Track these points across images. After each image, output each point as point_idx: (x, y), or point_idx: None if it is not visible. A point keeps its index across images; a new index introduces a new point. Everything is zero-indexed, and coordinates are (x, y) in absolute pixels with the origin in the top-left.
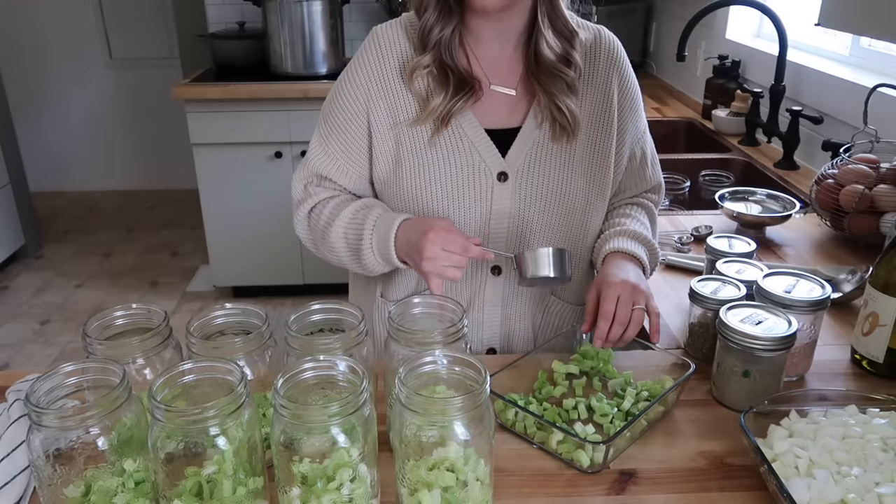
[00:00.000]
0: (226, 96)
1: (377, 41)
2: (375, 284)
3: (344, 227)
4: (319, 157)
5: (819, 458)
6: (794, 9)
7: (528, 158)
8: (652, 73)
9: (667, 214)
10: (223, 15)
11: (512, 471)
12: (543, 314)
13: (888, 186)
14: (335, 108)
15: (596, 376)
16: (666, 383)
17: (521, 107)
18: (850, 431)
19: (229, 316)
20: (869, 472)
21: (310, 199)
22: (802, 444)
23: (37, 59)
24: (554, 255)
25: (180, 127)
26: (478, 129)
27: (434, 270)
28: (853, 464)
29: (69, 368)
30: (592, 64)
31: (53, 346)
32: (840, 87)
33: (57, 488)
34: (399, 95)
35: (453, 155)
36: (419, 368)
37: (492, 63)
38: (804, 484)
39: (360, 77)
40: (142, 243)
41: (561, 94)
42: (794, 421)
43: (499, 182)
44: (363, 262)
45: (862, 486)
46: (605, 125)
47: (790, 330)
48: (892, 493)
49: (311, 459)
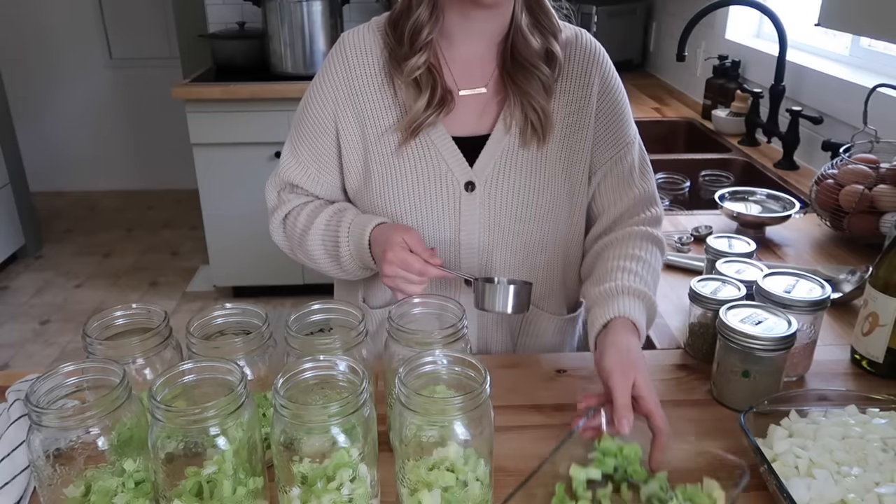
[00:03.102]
0: (226, 96)
1: (344, 49)
2: (357, 290)
3: (321, 234)
4: (291, 165)
5: (819, 458)
6: (794, 9)
7: (497, 167)
8: (652, 73)
9: (667, 214)
10: (223, 15)
11: (512, 471)
12: (521, 323)
13: (888, 186)
14: (304, 116)
15: (623, 481)
16: (713, 491)
17: (491, 111)
18: (850, 431)
19: (229, 316)
20: (869, 471)
21: (284, 205)
22: (802, 444)
23: (37, 59)
24: (514, 292)
25: (180, 127)
26: (445, 138)
27: (393, 286)
28: (853, 464)
29: (69, 368)
30: (568, 64)
31: (53, 346)
32: (840, 87)
33: (57, 488)
34: (367, 103)
35: (421, 164)
36: (419, 368)
37: (462, 66)
38: (804, 484)
39: (327, 85)
40: (142, 243)
41: (536, 94)
42: (794, 421)
43: (466, 192)
44: (344, 267)
45: (862, 486)
46: (579, 129)
47: (790, 330)
48: (892, 493)
49: (311, 459)
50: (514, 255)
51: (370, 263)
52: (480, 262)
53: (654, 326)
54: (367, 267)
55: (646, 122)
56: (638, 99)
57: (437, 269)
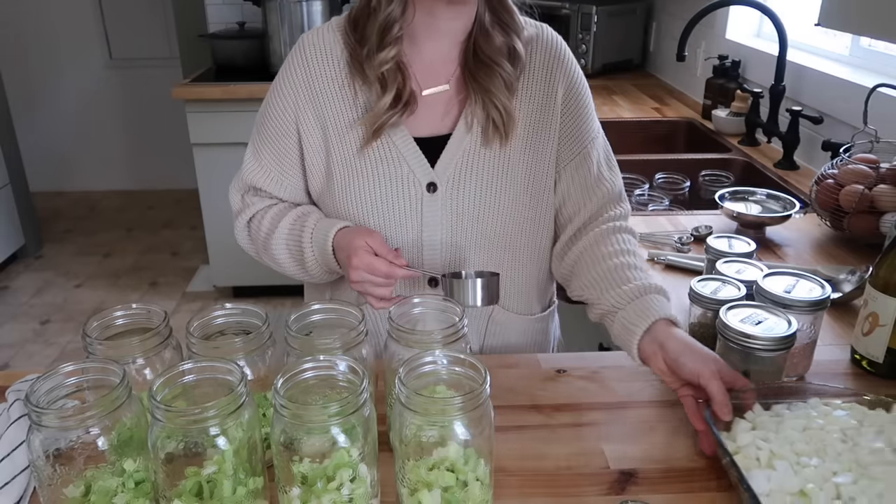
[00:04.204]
0: (226, 96)
1: (304, 49)
2: (325, 293)
3: (285, 238)
4: (253, 168)
5: (780, 450)
6: (794, 9)
7: (459, 167)
8: (652, 73)
9: (667, 214)
10: (223, 15)
11: (512, 471)
12: (488, 324)
13: (888, 186)
14: (266, 119)
15: None
16: None
17: (453, 111)
18: (811, 423)
19: (229, 316)
20: (828, 462)
21: (248, 208)
22: (765, 437)
23: (37, 59)
24: (482, 285)
25: (180, 127)
26: (407, 139)
27: (363, 290)
28: (812, 455)
29: (69, 368)
30: (531, 62)
31: (53, 346)
32: (840, 87)
33: (57, 488)
34: (328, 104)
35: (382, 166)
36: (419, 368)
37: (424, 66)
38: (764, 476)
39: (287, 87)
40: (142, 243)
41: (498, 91)
42: (758, 414)
43: (428, 193)
44: (310, 271)
45: (820, 476)
46: (544, 128)
47: (790, 330)
48: (849, 483)
49: (311, 459)
50: (478, 255)
51: (335, 268)
52: (444, 262)
53: None
54: (332, 271)
55: (646, 122)
56: (638, 99)
57: (403, 269)
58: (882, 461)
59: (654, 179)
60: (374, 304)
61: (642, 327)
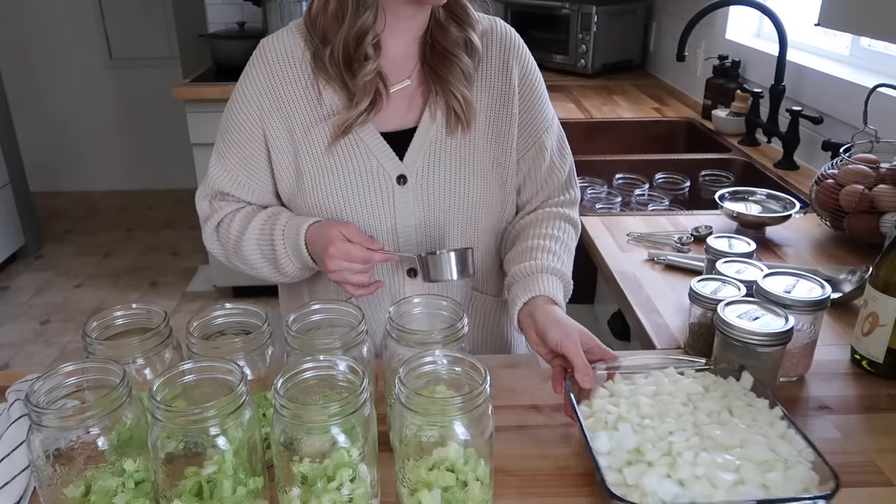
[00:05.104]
0: (226, 96)
1: (265, 54)
2: (302, 290)
3: (256, 239)
4: (219, 174)
5: (627, 414)
6: (794, 9)
7: (427, 158)
8: (652, 73)
9: (667, 214)
10: (223, 15)
11: (512, 471)
12: (468, 310)
13: (888, 186)
14: (230, 125)
15: None
16: None
17: (417, 104)
18: (662, 390)
19: (229, 316)
20: (667, 423)
21: (216, 213)
22: (616, 402)
23: (37, 59)
24: (456, 258)
25: (180, 127)
26: (374, 134)
27: (341, 279)
28: (655, 417)
29: (69, 368)
30: (487, 53)
31: (53, 346)
32: (840, 87)
33: (57, 488)
34: (293, 106)
35: (352, 162)
36: (419, 368)
37: (388, 63)
38: (607, 436)
39: (250, 92)
40: (142, 243)
41: (456, 81)
42: (617, 383)
43: (399, 185)
44: (283, 270)
45: (657, 436)
46: (505, 115)
47: (787, 326)
48: (681, 441)
49: (311, 459)
50: (451, 241)
51: (310, 263)
52: (419, 249)
53: (655, 326)
54: (307, 267)
55: (646, 122)
56: (638, 99)
57: (380, 253)
58: (717, 422)
59: (654, 179)
60: (352, 292)
61: (523, 300)
